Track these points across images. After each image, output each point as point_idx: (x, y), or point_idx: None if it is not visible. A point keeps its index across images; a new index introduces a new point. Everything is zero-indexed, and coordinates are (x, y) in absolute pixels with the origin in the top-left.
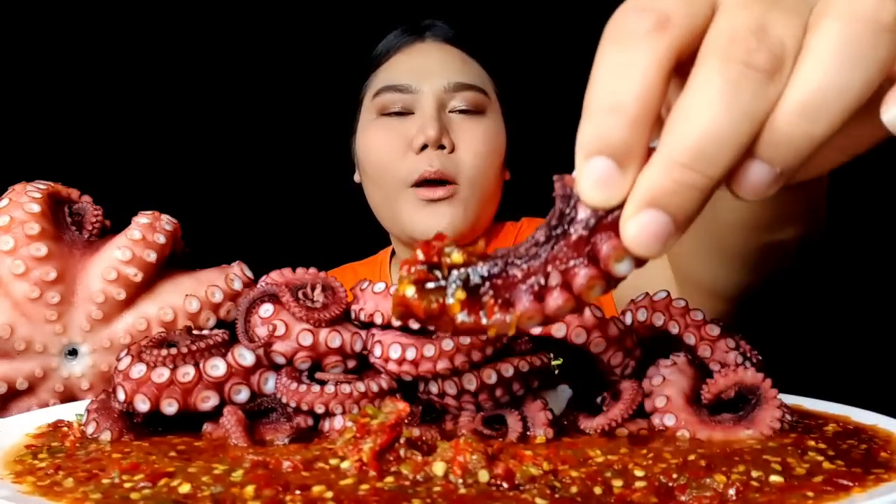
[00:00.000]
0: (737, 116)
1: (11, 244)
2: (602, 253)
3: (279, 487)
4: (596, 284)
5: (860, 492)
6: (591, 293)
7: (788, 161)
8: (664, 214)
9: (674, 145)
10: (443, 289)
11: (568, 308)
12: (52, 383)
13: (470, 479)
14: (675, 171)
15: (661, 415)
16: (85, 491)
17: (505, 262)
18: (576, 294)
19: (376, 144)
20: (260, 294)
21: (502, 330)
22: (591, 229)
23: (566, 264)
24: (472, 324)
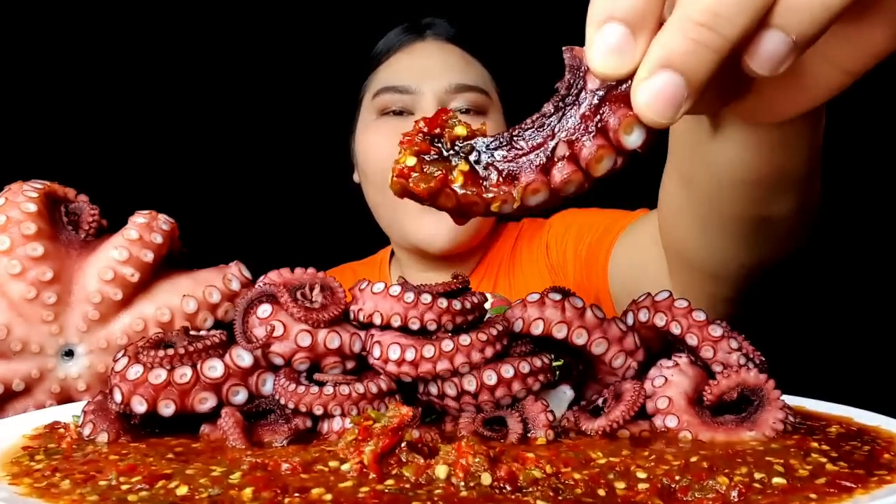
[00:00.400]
0: None
1: (7, 244)
2: (611, 123)
3: (277, 489)
4: (604, 156)
5: (863, 493)
6: (600, 166)
7: (804, 29)
8: (678, 76)
9: (690, 5)
10: (445, 160)
11: (575, 181)
12: (48, 384)
13: (472, 481)
14: (691, 30)
15: (663, 416)
16: (82, 493)
17: (511, 135)
18: (583, 166)
19: (375, 146)
20: (258, 294)
21: (507, 203)
22: (601, 99)
23: (573, 136)
24: (474, 196)
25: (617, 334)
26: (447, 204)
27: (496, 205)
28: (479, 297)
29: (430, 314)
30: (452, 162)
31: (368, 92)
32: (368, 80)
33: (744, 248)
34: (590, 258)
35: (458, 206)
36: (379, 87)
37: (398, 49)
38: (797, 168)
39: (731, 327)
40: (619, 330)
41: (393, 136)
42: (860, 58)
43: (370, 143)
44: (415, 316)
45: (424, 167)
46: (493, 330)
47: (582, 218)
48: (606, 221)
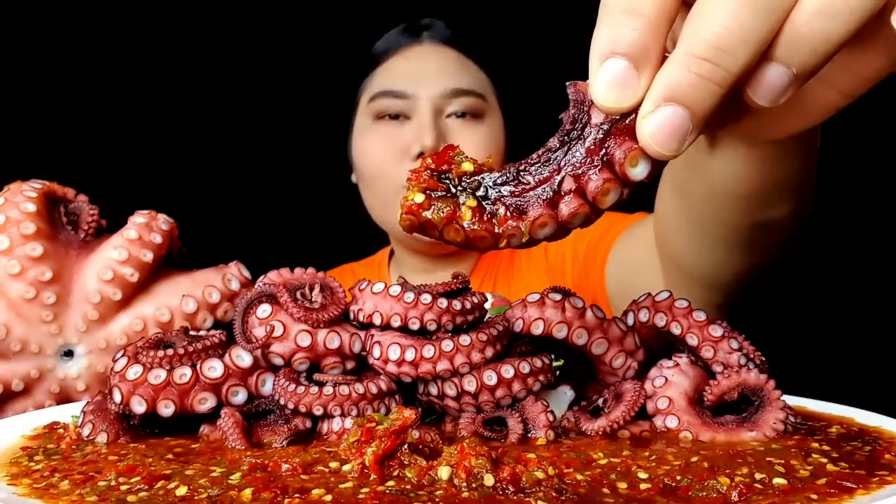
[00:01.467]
0: (757, 12)
1: (7, 244)
2: (617, 156)
3: (277, 490)
4: (611, 189)
5: (864, 494)
6: (607, 199)
7: (805, 61)
8: (683, 109)
9: (694, 40)
10: (453, 196)
11: (582, 214)
12: (47, 384)
13: (475, 483)
14: (695, 65)
15: (664, 417)
16: (81, 493)
17: (517, 170)
18: (590, 199)
19: (372, 150)
20: (257, 294)
21: (515, 237)
22: (606, 133)
23: (579, 169)
24: (482, 231)
25: (617, 334)
26: (456, 238)
27: (504, 240)
28: (479, 297)
29: (430, 314)
30: (460, 198)
31: (365, 94)
32: (365, 82)
33: (737, 256)
34: (587, 260)
35: (467, 240)
36: (375, 91)
37: (395, 52)
38: (791, 180)
39: (731, 327)
40: (620, 330)
41: (389, 142)
42: (858, 82)
43: (366, 147)
44: (415, 316)
45: (432, 203)
46: (494, 330)
47: None
48: (605, 224)
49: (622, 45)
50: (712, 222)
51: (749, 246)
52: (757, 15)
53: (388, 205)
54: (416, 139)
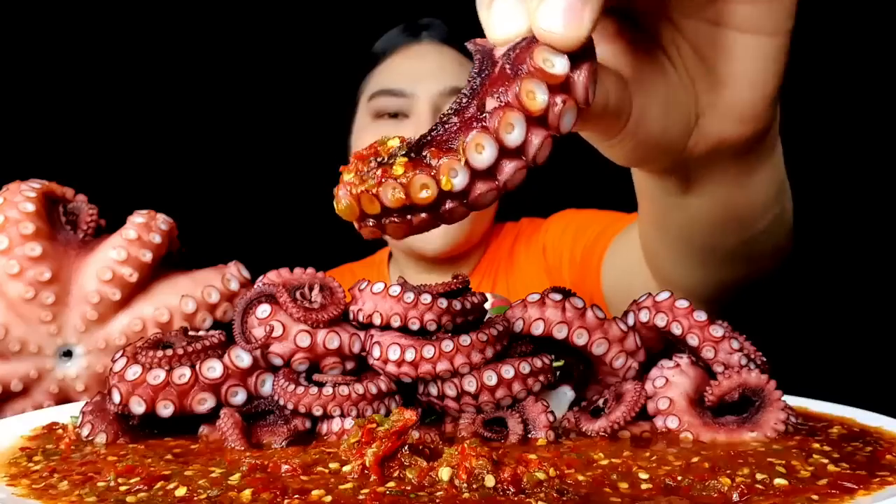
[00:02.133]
0: None
1: (6, 244)
2: (528, 62)
3: (277, 491)
4: (533, 88)
5: (864, 495)
6: (535, 102)
7: None
8: None
9: None
10: (384, 164)
11: (513, 121)
12: (46, 385)
13: (476, 484)
14: None
15: (664, 417)
16: (80, 494)
17: (440, 121)
18: (518, 105)
19: None
20: (257, 294)
21: (455, 170)
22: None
23: (498, 88)
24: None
25: (618, 335)
26: (397, 196)
27: (444, 178)
28: (479, 297)
29: (429, 314)
30: (392, 161)
31: (365, 93)
32: (365, 81)
33: (723, 272)
34: (584, 261)
35: (408, 195)
36: (374, 89)
37: (394, 51)
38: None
39: (732, 328)
40: (620, 330)
41: None
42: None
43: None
44: (415, 316)
45: (364, 176)
46: (494, 330)
47: (578, 219)
48: (602, 224)
49: None
50: (693, 248)
51: (732, 262)
52: None
53: None
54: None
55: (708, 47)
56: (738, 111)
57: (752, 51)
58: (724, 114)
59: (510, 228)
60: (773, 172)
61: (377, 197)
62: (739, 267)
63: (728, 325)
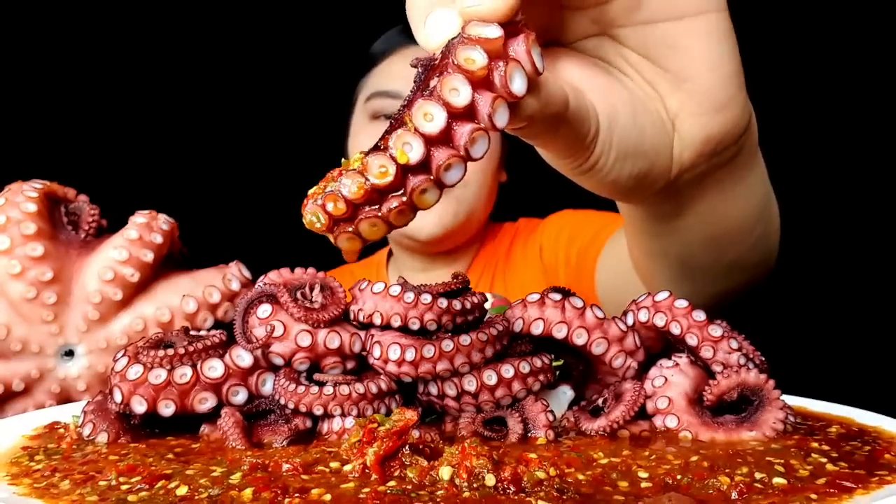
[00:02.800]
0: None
1: (7, 244)
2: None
3: (278, 490)
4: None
5: (863, 494)
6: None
7: None
8: None
9: None
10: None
11: (455, 82)
12: (48, 384)
13: (476, 483)
14: None
15: (663, 416)
16: (81, 493)
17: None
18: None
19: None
20: (258, 294)
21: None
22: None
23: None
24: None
25: (617, 334)
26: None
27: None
28: (479, 297)
29: (430, 314)
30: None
31: (362, 94)
32: (363, 82)
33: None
34: (580, 262)
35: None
36: (371, 91)
37: (392, 52)
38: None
39: (730, 327)
40: (620, 330)
41: None
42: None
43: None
44: (415, 316)
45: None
46: (494, 330)
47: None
48: (597, 225)
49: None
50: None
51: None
52: None
53: None
54: None
55: (653, 47)
56: (708, 99)
57: (697, 34)
58: (697, 107)
59: (508, 229)
60: (757, 182)
61: (339, 194)
62: (729, 280)
63: (727, 324)
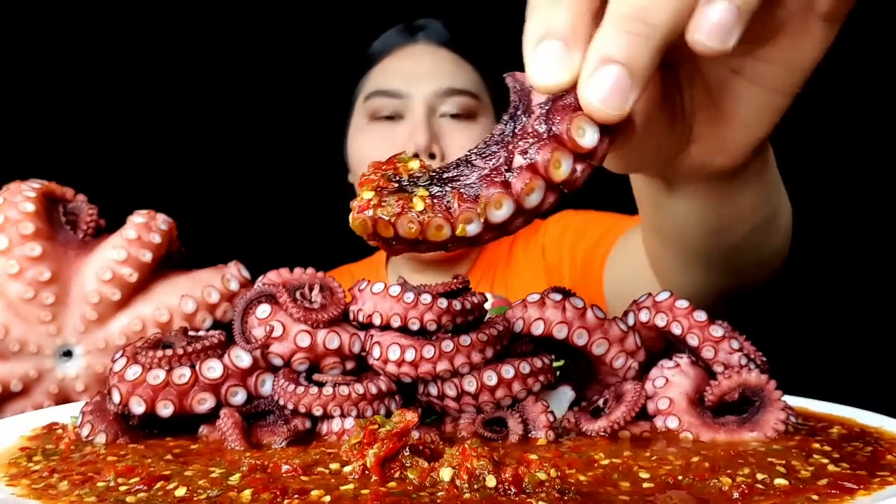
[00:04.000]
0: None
1: (5, 244)
2: (562, 128)
3: (277, 491)
4: (561, 159)
5: (865, 495)
6: (559, 171)
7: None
8: (620, 67)
9: (620, 5)
10: (403, 191)
11: (536, 187)
12: (46, 385)
13: (477, 484)
14: (624, 24)
15: (664, 417)
16: (80, 494)
17: (465, 158)
18: (541, 172)
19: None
20: (257, 294)
21: (471, 221)
22: (548, 110)
23: (528, 147)
24: (437, 219)
25: (618, 335)
26: (411, 231)
27: (461, 225)
28: (479, 297)
29: (429, 314)
30: (411, 191)
31: (361, 94)
32: (361, 82)
33: (721, 276)
34: (586, 263)
35: (422, 232)
36: (370, 90)
37: (390, 52)
38: (755, 205)
39: (732, 328)
40: (620, 330)
41: (383, 142)
42: (793, 74)
43: (362, 146)
44: (414, 316)
45: (384, 200)
46: (494, 330)
47: (578, 220)
48: (603, 226)
49: (552, 29)
50: (689, 254)
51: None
52: None
53: None
54: (409, 138)
55: (720, 88)
56: (728, 147)
57: (759, 101)
58: (715, 147)
59: None
60: (760, 188)
61: (393, 226)
62: (737, 272)
63: (728, 325)
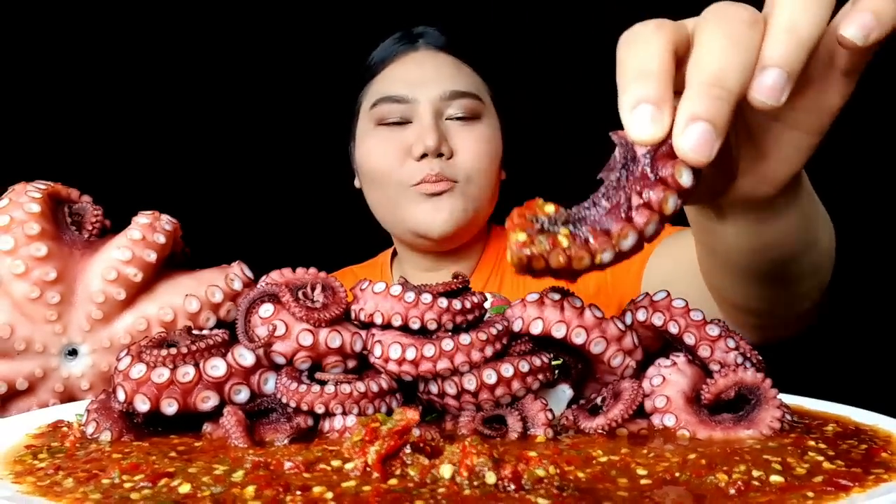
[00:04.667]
0: (739, 48)
1: (11, 244)
2: (667, 172)
3: (279, 488)
4: (669, 196)
5: (860, 492)
6: (668, 205)
7: (791, 61)
8: (706, 123)
9: (700, 75)
10: (547, 231)
11: (653, 221)
12: (51, 383)
13: (477, 481)
14: (707, 91)
15: (661, 415)
16: (85, 491)
17: (592, 202)
18: (656, 209)
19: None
20: (260, 294)
21: (607, 251)
22: (652, 159)
23: (642, 189)
24: (580, 251)
25: (615, 333)
26: (560, 262)
27: (599, 255)
28: (478, 296)
29: (430, 314)
30: (554, 230)
31: (366, 101)
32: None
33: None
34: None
35: (569, 262)
36: (376, 97)
37: (392, 60)
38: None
39: (728, 326)
40: (618, 329)
41: (392, 145)
42: (819, 118)
43: (371, 150)
44: (415, 315)
45: (534, 239)
46: (493, 329)
47: None
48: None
49: (643, 96)
50: (743, 273)
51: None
52: (739, 50)
53: (393, 203)
54: (418, 140)
55: (761, 132)
56: (768, 179)
57: (795, 141)
58: (758, 179)
59: None
60: (798, 211)
61: (546, 259)
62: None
63: (724, 324)
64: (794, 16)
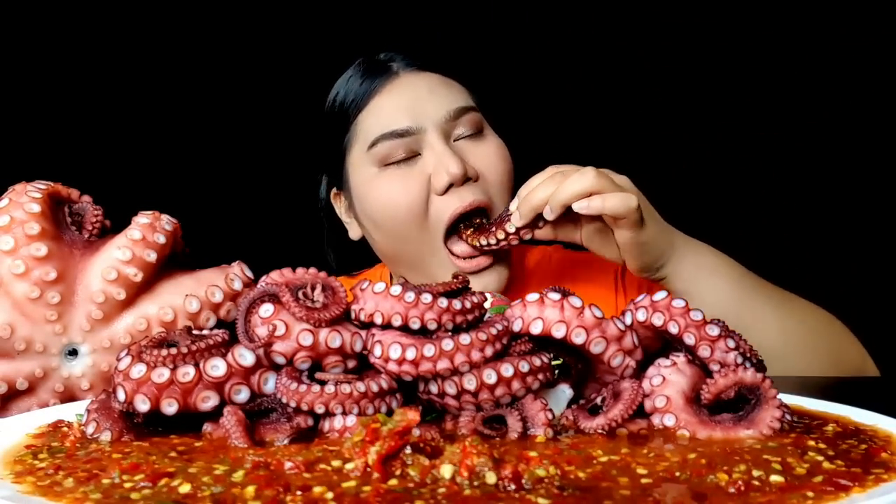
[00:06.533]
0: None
1: (11, 244)
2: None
3: (280, 488)
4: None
5: (860, 492)
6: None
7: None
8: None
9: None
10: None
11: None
12: (52, 383)
13: (477, 481)
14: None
15: (661, 415)
16: (85, 491)
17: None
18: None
19: (391, 197)
20: (260, 294)
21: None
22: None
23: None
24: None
25: (615, 334)
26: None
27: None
28: (478, 296)
29: (430, 314)
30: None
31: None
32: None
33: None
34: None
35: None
36: (373, 136)
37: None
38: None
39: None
40: (618, 329)
41: (407, 182)
42: (623, 242)
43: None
44: (415, 315)
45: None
46: (493, 329)
47: None
48: None
49: None
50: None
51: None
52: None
53: (427, 245)
54: (438, 171)
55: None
56: (631, 265)
57: (619, 241)
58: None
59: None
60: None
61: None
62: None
63: (724, 324)
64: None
